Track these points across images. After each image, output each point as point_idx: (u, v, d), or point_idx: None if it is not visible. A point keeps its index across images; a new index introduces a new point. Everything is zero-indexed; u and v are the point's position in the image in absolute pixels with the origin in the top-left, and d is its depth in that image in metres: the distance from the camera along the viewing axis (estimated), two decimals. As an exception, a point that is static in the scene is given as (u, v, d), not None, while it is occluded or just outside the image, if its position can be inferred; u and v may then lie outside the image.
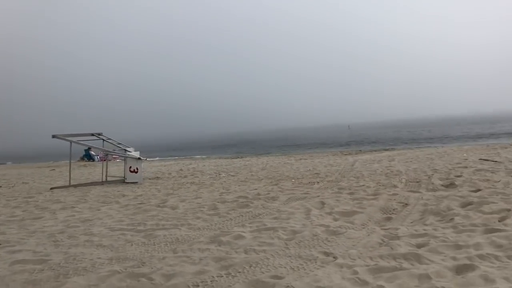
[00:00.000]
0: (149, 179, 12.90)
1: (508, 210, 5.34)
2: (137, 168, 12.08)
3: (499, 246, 3.95)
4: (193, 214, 6.57)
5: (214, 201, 7.63)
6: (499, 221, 4.91)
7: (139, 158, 12.20)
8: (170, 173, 14.55)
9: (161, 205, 7.64)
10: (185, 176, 13.15)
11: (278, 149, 36.64)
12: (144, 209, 7.34)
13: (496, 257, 3.66)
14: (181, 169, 16.13)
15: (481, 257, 3.68)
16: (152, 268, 3.95)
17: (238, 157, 24.24)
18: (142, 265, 4.07)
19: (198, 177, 12.77)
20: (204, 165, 17.78)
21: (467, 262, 3.56)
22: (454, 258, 3.72)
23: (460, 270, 3.44)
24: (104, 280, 3.71)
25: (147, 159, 17.11)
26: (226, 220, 6.05)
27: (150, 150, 36.84)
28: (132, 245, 4.91)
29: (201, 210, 6.87)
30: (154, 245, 4.86)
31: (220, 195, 8.38)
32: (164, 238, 5.15)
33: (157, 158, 28.91)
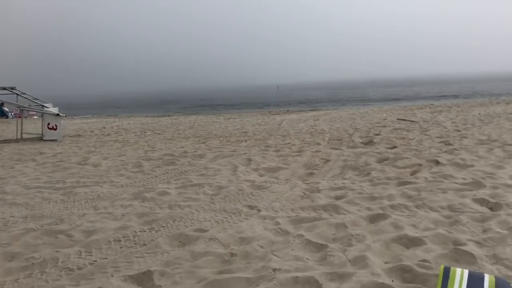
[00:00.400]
0: (70, 136, 12.33)
1: (420, 164, 5.74)
2: (56, 125, 11.47)
3: (409, 197, 4.25)
4: (116, 172, 6.39)
5: (139, 159, 7.47)
6: (410, 174, 5.26)
7: (57, 115, 11.55)
8: (93, 131, 13.99)
9: (82, 162, 7.34)
10: (108, 134, 12.71)
11: (206, 108, 36.37)
12: (63, 166, 7.02)
13: (406, 207, 3.93)
14: (104, 127, 15.55)
15: (392, 207, 3.94)
16: (71, 225, 3.82)
17: (165, 116, 23.77)
18: (61, 222, 3.92)
19: (122, 135, 12.39)
20: (129, 123, 17.26)
21: (380, 211, 3.79)
22: (368, 209, 3.95)
23: (374, 219, 3.67)
24: (18, 238, 3.54)
25: (67, 116, 16.28)
26: (151, 177, 5.96)
27: (71, 108, 35.07)
28: (49, 202, 4.70)
29: (125, 168, 6.71)
30: (74, 202, 4.69)
31: (145, 153, 8.22)
32: (84, 195, 4.98)
33: (78, 116, 27.61)
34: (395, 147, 7.41)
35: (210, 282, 2.53)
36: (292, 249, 3.05)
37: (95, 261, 3.02)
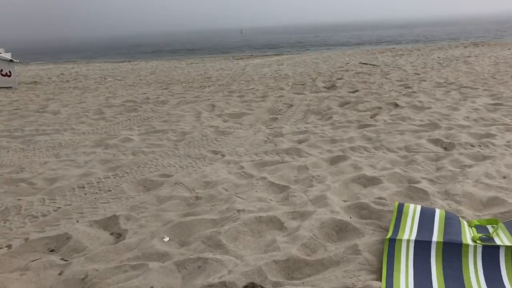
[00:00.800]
0: (26, 84, 11.85)
1: (379, 107, 5.89)
2: (10, 72, 10.96)
3: (369, 139, 4.40)
4: (76, 119, 6.26)
5: (100, 106, 7.31)
6: (370, 117, 5.41)
7: (11, 60, 11.01)
8: (50, 78, 13.48)
9: (40, 110, 7.13)
10: (67, 81, 12.29)
11: (167, 53, 35.44)
12: (20, 115, 6.80)
13: (365, 149, 4.07)
14: (62, 74, 14.99)
15: (352, 149, 4.07)
16: (32, 173, 3.77)
17: (126, 61, 23.07)
18: (21, 171, 3.86)
19: (81, 81, 12.01)
20: (88, 69, 16.70)
21: (341, 153, 3.92)
22: (329, 151, 4.06)
23: (334, 160, 3.79)
24: (-22, 187, 3.48)
25: (21, 62, 15.55)
26: (113, 124, 5.87)
27: (24, 54, 33.43)
28: (8, 151, 4.59)
29: (86, 115, 6.57)
30: (34, 150, 4.60)
31: (106, 100, 8.04)
32: (45, 143, 4.88)
33: (33, 62, 26.40)
34: (356, 91, 7.53)
35: (176, 224, 2.59)
36: (256, 191, 3.13)
37: (59, 207, 3.02)
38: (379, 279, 1.89)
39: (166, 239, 2.45)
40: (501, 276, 1.83)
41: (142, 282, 1.97)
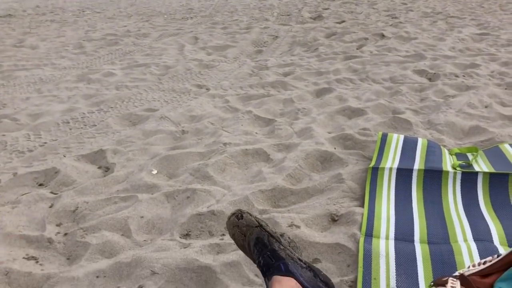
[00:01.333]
0: (0, 17, 11.36)
1: (366, 38, 5.81)
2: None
3: (355, 71, 4.38)
4: (56, 54, 6.08)
5: (80, 40, 7.08)
6: (357, 48, 5.35)
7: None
8: (25, 10, 12.90)
9: (18, 45, 6.88)
10: (44, 14, 11.79)
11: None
12: (-3, 50, 6.58)
13: (351, 80, 4.06)
14: (37, 6, 14.34)
15: (338, 81, 4.07)
16: (15, 109, 3.71)
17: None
18: (3, 107, 3.80)
19: (58, 14, 11.53)
20: (65, 1, 15.97)
21: (326, 86, 3.91)
22: (315, 84, 4.05)
23: (320, 93, 3.79)
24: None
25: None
26: (94, 58, 5.73)
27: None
28: (-12, 88, 4.49)
29: (66, 49, 6.37)
30: (15, 86, 4.50)
31: (85, 33, 7.77)
32: (25, 78, 4.77)
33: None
34: (343, 21, 7.38)
35: (164, 157, 2.62)
36: (242, 125, 3.15)
37: (45, 143, 3.01)
38: (362, 205, 1.96)
39: (154, 172, 2.49)
40: (478, 201, 1.92)
41: (132, 213, 2.02)
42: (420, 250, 1.59)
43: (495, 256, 1.15)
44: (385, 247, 1.62)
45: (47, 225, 2.00)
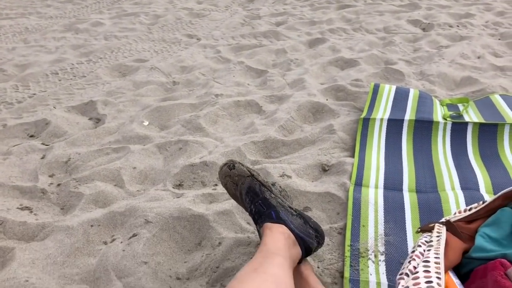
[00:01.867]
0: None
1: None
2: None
3: (348, 21, 4.30)
4: (41, 2, 5.89)
5: (65, -13, 6.85)
6: (351, -2, 5.23)
7: None
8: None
9: (1, -7, 6.65)
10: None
11: None
12: (-20, -2, 6.35)
13: (344, 30, 4.00)
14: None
15: (331, 31, 4.00)
16: (1, 59, 3.63)
17: None
18: (-11, 58, 3.72)
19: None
20: None
21: (319, 36, 3.85)
22: (308, 34, 3.99)
23: (313, 43, 3.74)
24: None
25: None
26: (82, 7, 5.56)
27: None
28: (-27, 37, 4.38)
29: (51, -3, 6.18)
30: (0, 36, 4.39)
31: (71, -19, 7.50)
32: (10, 28, 4.64)
33: None
34: (337, -31, 7.17)
35: (155, 109, 2.60)
36: (234, 76, 3.12)
37: (34, 94, 2.97)
38: (352, 156, 1.99)
39: (146, 123, 2.48)
40: (467, 151, 1.94)
41: (125, 164, 2.03)
42: (409, 199, 1.63)
43: (480, 203, 1.18)
44: (374, 195, 1.65)
45: (40, 176, 2.01)
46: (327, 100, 2.62)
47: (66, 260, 1.49)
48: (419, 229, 1.17)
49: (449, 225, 1.12)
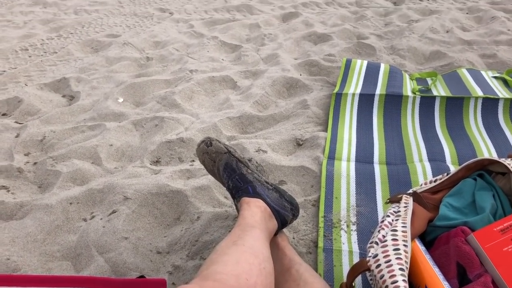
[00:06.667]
0: None
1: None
2: None
3: (321, -6, 4.32)
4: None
5: (30, -42, 6.59)
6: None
7: None
8: None
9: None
10: None
11: None
12: None
13: (317, 4, 4.02)
14: None
15: (304, 5, 4.01)
16: (-33, 36, 3.53)
17: None
18: (-46, 33, 3.60)
19: None
20: None
21: (293, 10, 3.86)
22: (281, 8, 3.99)
23: (286, 17, 3.75)
24: None
25: None
26: (48, -21, 5.39)
27: None
28: None
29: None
30: (-36, 10, 4.24)
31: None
32: (-26, 2, 4.49)
33: None
34: None
35: (129, 85, 2.59)
36: (208, 51, 3.12)
37: (4, 71, 2.91)
38: (325, 130, 2.05)
39: (121, 100, 2.48)
40: (434, 124, 2.03)
41: (101, 141, 2.03)
42: (379, 171, 1.71)
43: (445, 174, 1.26)
44: (346, 168, 1.72)
45: (15, 154, 2.00)
46: (300, 75, 2.66)
47: (46, 237, 1.51)
48: (388, 200, 1.24)
49: (415, 196, 1.19)
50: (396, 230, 1.05)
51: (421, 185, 1.29)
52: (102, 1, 4.37)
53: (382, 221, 1.13)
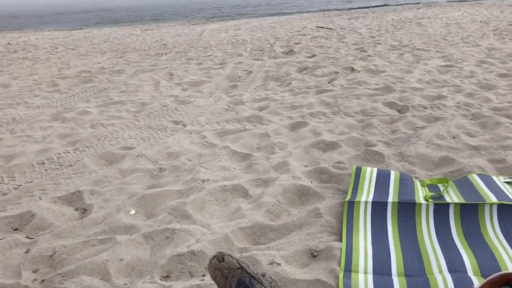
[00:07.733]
0: (-30, 56, 11.23)
1: (336, 72, 5.99)
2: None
3: (327, 104, 4.50)
4: (29, 92, 6.04)
5: (53, 77, 7.06)
6: (328, 82, 5.50)
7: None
8: (-4, 49, 12.80)
9: (-11, 84, 6.82)
10: (15, 51, 11.73)
11: (118, 20, 34.15)
12: (-32, 89, 6.49)
13: (324, 114, 4.17)
14: (8, 43, 14.26)
15: (312, 114, 4.16)
16: (-13, 151, 3.66)
17: (77, 29, 22.13)
18: (-24, 149, 3.74)
19: (31, 51, 11.49)
20: (37, 39, 15.93)
21: (300, 120, 4.00)
22: (290, 117, 4.14)
23: (294, 127, 3.88)
24: None
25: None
26: (68, 96, 5.71)
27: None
28: (-41, 129, 4.42)
29: (39, 88, 6.34)
30: (-13, 127, 4.45)
31: (59, 71, 7.76)
32: (-2, 119, 4.72)
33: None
34: (314, 55, 7.60)
35: (142, 196, 2.61)
36: (219, 160, 3.18)
37: (19, 185, 2.97)
38: (340, 240, 2.00)
39: (132, 212, 2.48)
40: (451, 232, 1.98)
41: (111, 256, 2.00)
42: (398, 283, 1.63)
43: (469, 288, 1.20)
44: (364, 281, 1.65)
45: (23, 272, 1.96)
46: (311, 182, 2.67)
47: None
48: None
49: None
50: None
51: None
52: (118, 115, 4.58)
53: None
